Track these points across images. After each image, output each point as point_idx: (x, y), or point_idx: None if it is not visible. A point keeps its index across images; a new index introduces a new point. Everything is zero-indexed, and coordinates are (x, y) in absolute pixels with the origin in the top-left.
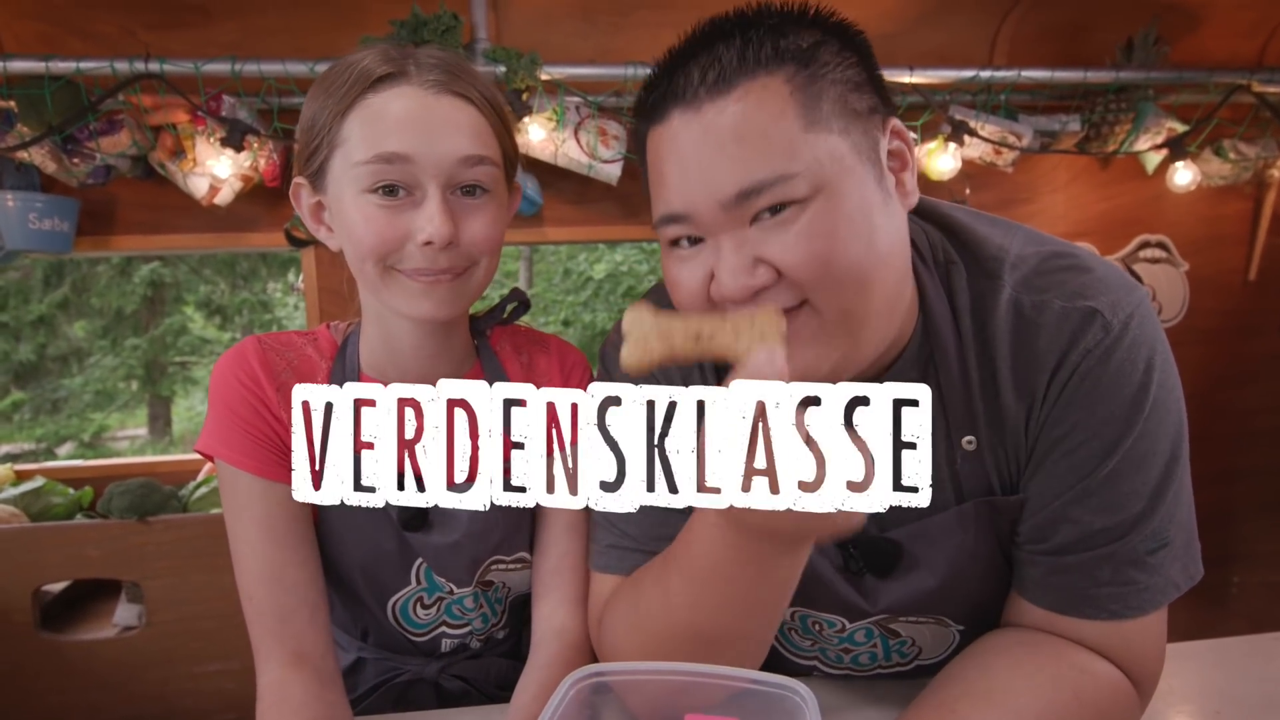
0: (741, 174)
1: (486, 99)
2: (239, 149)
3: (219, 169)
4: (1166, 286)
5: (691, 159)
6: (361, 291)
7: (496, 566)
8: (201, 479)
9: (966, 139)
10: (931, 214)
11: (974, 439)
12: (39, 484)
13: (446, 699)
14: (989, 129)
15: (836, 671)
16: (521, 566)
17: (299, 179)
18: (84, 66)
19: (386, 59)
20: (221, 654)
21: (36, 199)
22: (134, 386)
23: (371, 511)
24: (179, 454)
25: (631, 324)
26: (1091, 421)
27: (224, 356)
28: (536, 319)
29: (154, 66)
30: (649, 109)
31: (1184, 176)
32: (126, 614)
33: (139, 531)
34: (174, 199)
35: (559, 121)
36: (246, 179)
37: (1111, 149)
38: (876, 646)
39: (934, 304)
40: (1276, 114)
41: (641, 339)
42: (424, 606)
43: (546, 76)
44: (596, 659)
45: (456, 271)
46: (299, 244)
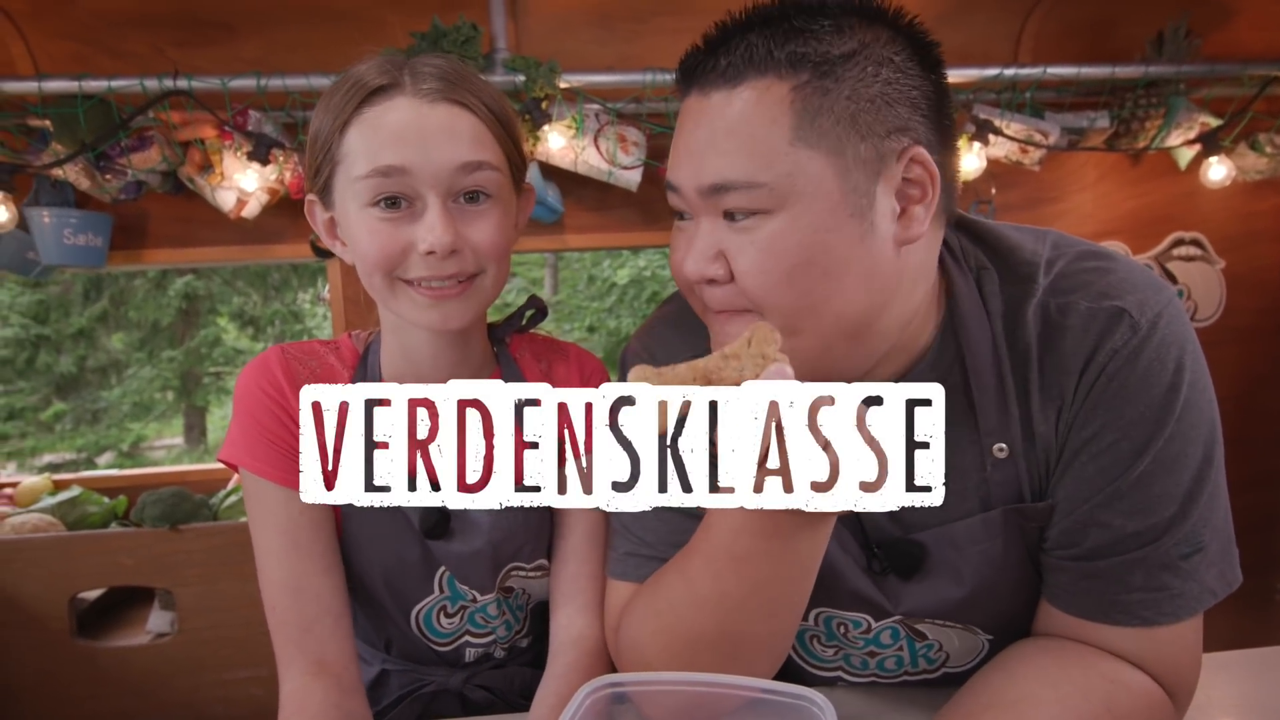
0: (721, 167)
1: (485, 104)
2: (265, 163)
3: (246, 182)
4: (1202, 284)
5: (690, 139)
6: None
7: (516, 573)
8: (231, 487)
9: (991, 138)
10: (960, 222)
11: (1005, 446)
12: (75, 493)
13: (472, 710)
14: (1014, 127)
15: (861, 679)
16: (541, 574)
17: (310, 196)
18: (115, 85)
19: (381, 71)
20: (251, 661)
21: (71, 215)
22: (170, 397)
23: (394, 520)
24: (211, 463)
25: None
26: (1120, 422)
27: (248, 366)
28: (561, 325)
29: (182, 83)
30: (681, 77)
31: (1218, 172)
32: (159, 621)
33: (170, 539)
34: (203, 213)
35: (578, 129)
36: (273, 192)
37: (1142, 145)
38: (903, 649)
39: (967, 307)
40: None
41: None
42: (447, 615)
43: (565, 84)
44: (614, 667)
45: (463, 279)
46: (324, 254)
